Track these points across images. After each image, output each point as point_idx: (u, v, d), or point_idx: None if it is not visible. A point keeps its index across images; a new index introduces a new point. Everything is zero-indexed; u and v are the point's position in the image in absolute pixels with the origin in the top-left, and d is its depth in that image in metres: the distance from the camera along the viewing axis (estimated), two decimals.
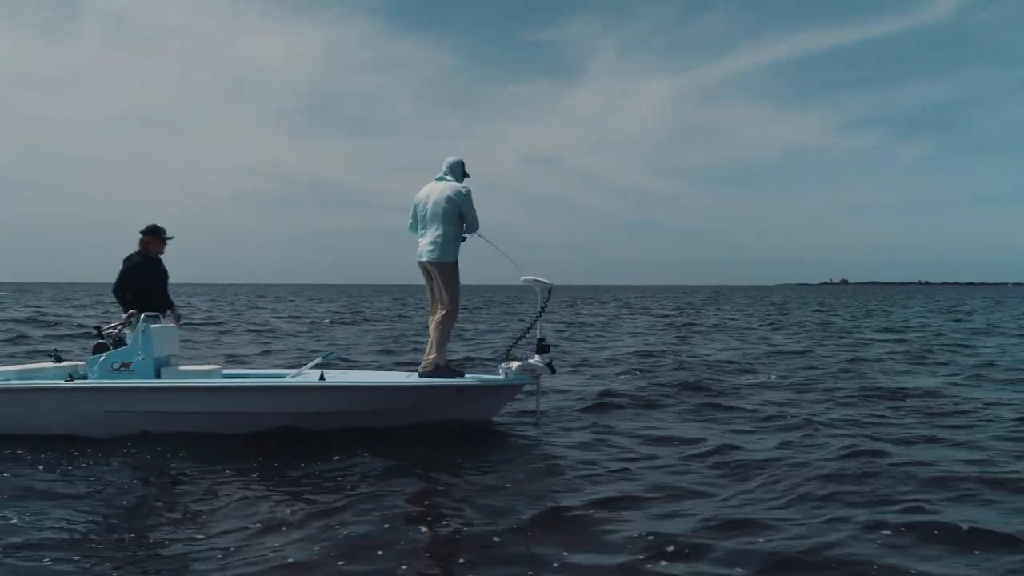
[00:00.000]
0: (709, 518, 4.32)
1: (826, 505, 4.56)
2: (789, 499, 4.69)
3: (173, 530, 4.22)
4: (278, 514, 4.47)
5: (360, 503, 4.64)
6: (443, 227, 6.74)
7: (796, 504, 4.60)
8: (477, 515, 4.47)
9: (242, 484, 5.13)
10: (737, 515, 4.38)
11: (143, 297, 6.87)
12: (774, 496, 4.77)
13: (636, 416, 7.60)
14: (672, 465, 5.57)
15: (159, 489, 5.07)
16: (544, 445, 6.39)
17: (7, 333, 17.56)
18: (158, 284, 7.09)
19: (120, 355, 6.71)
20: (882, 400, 8.43)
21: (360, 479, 5.23)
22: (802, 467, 5.38)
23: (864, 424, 7.06)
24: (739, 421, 7.28)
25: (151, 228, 7.07)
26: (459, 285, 6.92)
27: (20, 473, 5.35)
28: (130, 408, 6.45)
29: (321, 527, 4.20)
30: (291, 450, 5.97)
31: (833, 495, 4.73)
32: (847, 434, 6.46)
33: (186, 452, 5.93)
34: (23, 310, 30.21)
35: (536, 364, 6.82)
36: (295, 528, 4.22)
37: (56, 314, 27.29)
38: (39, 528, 4.21)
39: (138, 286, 6.89)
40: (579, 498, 4.75)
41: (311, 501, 4.71)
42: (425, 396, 6.74)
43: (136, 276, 6.92)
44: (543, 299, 7.08)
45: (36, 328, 19.96)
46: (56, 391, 6.43)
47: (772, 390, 9.28)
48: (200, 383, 6.59)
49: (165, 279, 7.20)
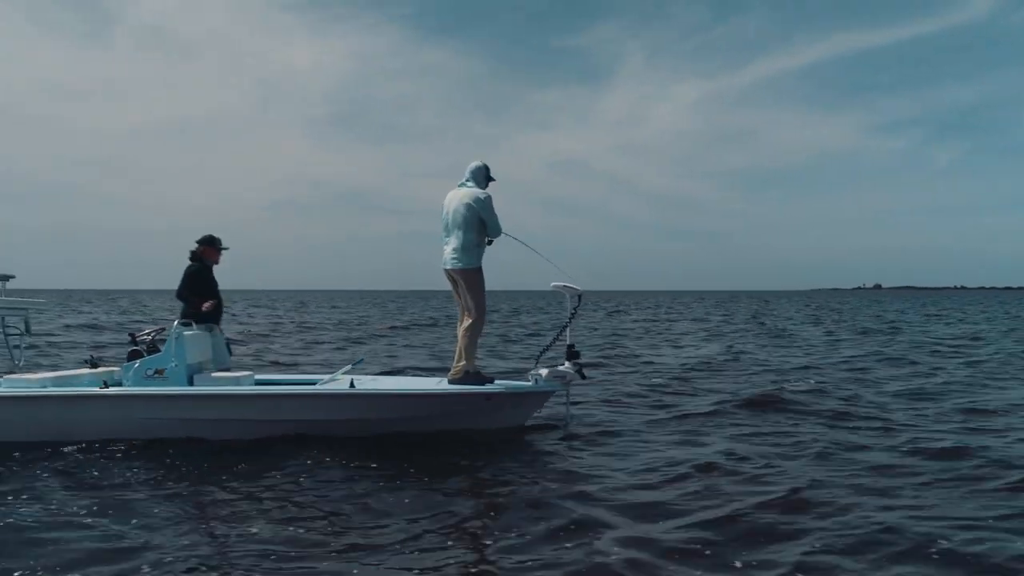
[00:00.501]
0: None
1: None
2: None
3: (203, 531, 4.23)
4: (308, 516, 4.51)
5: (380, 507, 4.71)
6: (464, 234, 6.75)
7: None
8: (499, 522, 4.45)
9: (265, 487, 5.19)
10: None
11: (189, 304, 7.12)
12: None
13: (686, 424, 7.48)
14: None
15: (182, 492, 5.07)
16: (571, 452, 6.32)
17: (59, 339, 17.90)
18: (212, 291, 7.28)
19: (154, 362, 6.79)
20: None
21: (383, 484, 5.24)
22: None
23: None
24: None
25: (207, 238, 7.35)
26: (484, 291, 6.90)
27: (61, 475, 5.41)
28: (162, 415, 6.51)
29: (342, 531, 4.25)
30: (318, 455, 5.98)
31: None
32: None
33: (207, 457, 5.98)
34: (74, 316, 30.81)
35: (566, 371, 6.80)
36: (318, 532, 4.24)
37: (96, 320, 27.77)
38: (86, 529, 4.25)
39: (196, 292, 7.15)
40: (600, 505, 4.71)
41: (333, 505, 4.74)
42: (453, 403, 6.72)
43: (194, 281, 7.17)
44: (573, 305, 7.03)
45: (84, 333, 20.34)
46: (90, 398, 6.51)
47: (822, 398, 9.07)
48: (229, 391, 6.63)
49: (216, 287, 7.42)
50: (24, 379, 6.71)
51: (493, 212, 6.80)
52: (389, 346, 17.47)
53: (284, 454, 6.02)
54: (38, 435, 6.38)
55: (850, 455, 5.97)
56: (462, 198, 6.82)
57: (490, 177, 7.05)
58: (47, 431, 6.41)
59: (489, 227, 6.82)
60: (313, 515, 4.58)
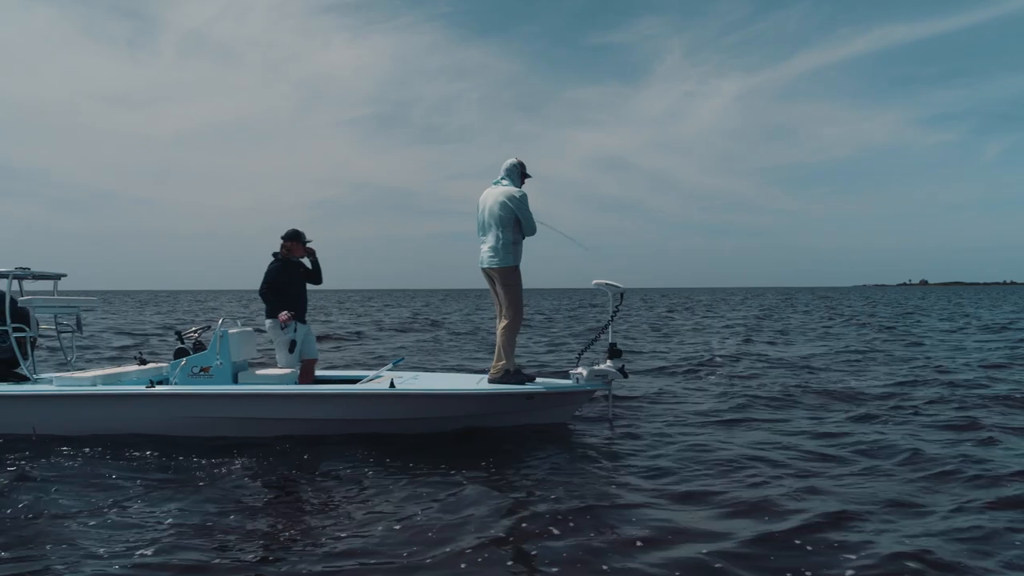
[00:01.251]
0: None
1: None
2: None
3: (243, 528, 4.29)
4: (355, 511, 4.56)
5: (423, 503, 4.75)
6: (500, 233, 6.73)
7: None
8: (534, 522, 4.43)
9: (307, 484, 5.26)
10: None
11: (280, 297, 7.07)
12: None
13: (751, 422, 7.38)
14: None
15: (235, 489, 5.14)
16: (611, 451, 6.26)
17: (107, 338, 18.33)
18: (295, 287, 7.22)
19: (199, 360, 6.90)
20: None
21: (424, 480, 5.26)
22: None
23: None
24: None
25: (291, 233, 7.28)
26: (521, 290, 6.87)
27: (107, 470, 5.53)
28: (207, 413, 6.61)
29: (388, 526, 4.29)
30: (354, 454, 6.03)
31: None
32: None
33: (252, 454, 6.04)
34: (121, 316, 31.51)
35: (608, 369, 6.74)
36: (368, 525, 4.28)
37: (143, 319, 28.35)
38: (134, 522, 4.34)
39: (277, 289, 7.10)
40: (638, 502, 4.69)
41: (379, 502, 4.77)
42: (493, 403, 6.71)
43: (276, 279, 7.12)
44: (615, 303, 6.96)
45: (133, 332, 20.80)
46: (136, 397, 6.64)
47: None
48: (269, 390, 6.68)
49: (303, 283, 7.38)
50: (75, 377, 6.87)
51: (528, 210, 6.77)
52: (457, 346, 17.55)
53: (324, 453, 6.07)
54: (88, 431, 6.54)
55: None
56: (497, 197, 6.79)
57: (526, 174, 7.01)
58: (96, 427, 6.57)
59: (524, 225, 6.79)
60: (348, 511, 4.64)
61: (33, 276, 7.15)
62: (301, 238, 7.29)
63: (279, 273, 7.14)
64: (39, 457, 5.95)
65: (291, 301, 7.11)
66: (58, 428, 6.58)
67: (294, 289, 7.19)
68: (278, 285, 7.10)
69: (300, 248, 7.28)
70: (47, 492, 5.06)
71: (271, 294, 7.08)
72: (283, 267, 7.18)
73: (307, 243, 7.32)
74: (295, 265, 7.29)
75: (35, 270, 7.09)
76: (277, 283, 7.11)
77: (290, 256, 7.26)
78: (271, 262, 7.20)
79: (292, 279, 7.21)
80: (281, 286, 7.11)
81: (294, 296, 7.16)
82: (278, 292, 7.09)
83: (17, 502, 4.85)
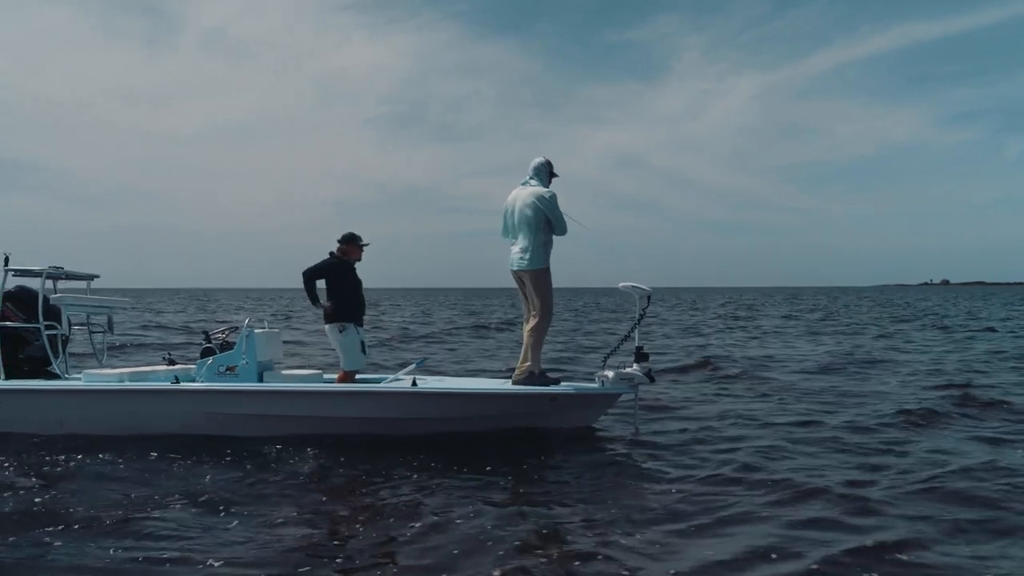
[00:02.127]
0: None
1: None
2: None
3: (269, 527, 4.30)
4: (384, 513, 4.62)
5: (450, 504, 4.79)
6: (532, 235, 6.68)
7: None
8: (557, 525, 4.44)
9: (331, 484, 5.31)
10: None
11: (337, 299, 6.98)
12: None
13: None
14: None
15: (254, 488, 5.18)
16: (637, 455, 6.25)
17: (134, 336, 18.48)
18: (350, 287, 7.09)
19: (225, 359, 6.95)
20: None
21: (446, 482, 5.30)
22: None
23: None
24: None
25: (348, 236, 7.19)
26: (551, 291, 6.83)
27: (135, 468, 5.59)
28: (231, 410, 6.64)
29: (407, 528, 4.32)
30: (381, 454, 6.04)
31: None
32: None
33: (276, 453, 6.07)
34: (145, 315, 31.80)
35: (634, 373, 6.67)
36: (396, 528, 4.31)
37: (162, 318, 28.58)
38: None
39: (330, 285, 7.01)
40: (662, 512, 4.64)
41: (399, 504, 4.79)
42: (517, 404, 6.69)
43: (327, 273, 7.03)
44: (641, 306, 6.91)
45: (156, 331, 20.96)
46: (160, 393, 6.70)
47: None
48: (294, 387, 6.73)
49: (360, 285, 7.24)
50: (102, 374, 6.95)
51: (558, 210, 6.70)
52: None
53: (345, 453, 6.07)
54: (114, 428, 6.59)
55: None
56: (526, 198, 6.74)
57: (553, 173, 6.95)
58: (121, 423, 6.62)
59: (555, 225, 6.73)
60: (367, 513, 4.67)
61: (66, 276, 7.24)
62: (357, 241, 7.20)
63: (331, 269, 7.04)
64: (62, 452, 6.01)
65: (346, 301, 7.02)
66: (84, 424, 6.64)
67: (349, 290, 7.07)
68: (330, 280, 7.00)
69: (356, 251, 7.20)
70: (65, 489, 5.13)
71: (311, 282, 6.97)
72: (338, 264, 7.09)
73: (363, 246, 7.24)
74: (349, 266, 7.18)
75: (68, 269, 7.18)
76: (326, 276, 7.00)
77: (346, 258, 7.17)
78: (326, 258, 7.13)
79: (348, 279, 7.09)
80: (334, 283, 7.01)
81: (348, 296, 7.05)
82: (331, 289, 7.00)
83: (37, 498, 4.91)
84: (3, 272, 6.91)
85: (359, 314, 7.13)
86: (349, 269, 7.16)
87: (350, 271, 7.16)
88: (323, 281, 7.06)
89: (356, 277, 7.22)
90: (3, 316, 6.88)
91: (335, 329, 7.00)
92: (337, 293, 7.01)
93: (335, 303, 6.99)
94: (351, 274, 7.15)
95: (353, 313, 7.05)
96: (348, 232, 7.20)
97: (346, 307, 7.01)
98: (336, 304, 6.99)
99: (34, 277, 7.05)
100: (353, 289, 7.11)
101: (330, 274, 7.05)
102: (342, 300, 7.01)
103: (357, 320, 7.09)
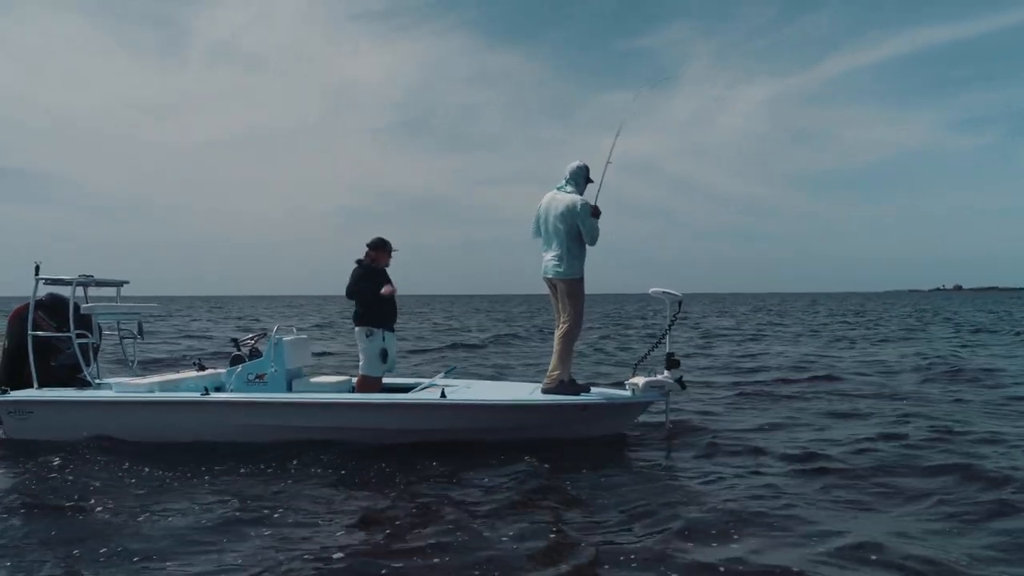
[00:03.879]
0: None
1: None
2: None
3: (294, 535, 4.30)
4: (406, 521, 4.64)
5: (482, 512, 4.78)
6: (565, 243, 6.62)
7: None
8: (587, 528, 4.46)
9: (356, 491, 5.32)
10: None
11: (364, 305, 6.99)
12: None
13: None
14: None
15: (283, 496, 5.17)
16: (668, 461, 6.25)
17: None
18: (376, 294, 7.02)
19: (255, 367, 6.97)
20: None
21: (476, 487, 5.32)
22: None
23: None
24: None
25: (376, 242, 7.18)
26: (583, 301, 6.77)
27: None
28: (259, 421, 6.63)
29: (434, 537, 4.30)
30: (399, 461, 6.03)
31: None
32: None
33: (310, 459, 6.06)
34: (167, 322, 31.94)
35: (665, 380, 6.65)
36: (411, 533, 4.34)
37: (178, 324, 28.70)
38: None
39: (360, 295, 7.01)
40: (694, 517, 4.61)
41: (430, 511, 4.82)
42: (546, 415, 6.66)
43: (357, 282, 7.04)
44: (672, 312, 6.87)
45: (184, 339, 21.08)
46: (191, 405, 6.69)
47: None
48: (323, 399, 6.70)
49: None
50: (133, 384, 6.95)
51: (590, 219, 6.60)
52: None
53: (372, 459, 6.05)
54: (146, 436, 6.59)
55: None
56: (558, 205, 6.66)
57: (590, 179, 6.84)
58: (152, 433, 6.62)
59: (585, 235, 6.63)
60: (397, 521, 4.67)
61: (96, 283, 7.26)
62: (387, 247, 7.19)
63: (360, 279, 7.05)
64: (86, 462, 6.02)
65: (376, 309, 7.01)
66: (115, 433, 6.63)
67: (383, 296, 7.03)
68: (362, 291, 7.01)
69: (386, 256, 7.20)
70: (89, 494, 5.15)
71: (355, 297, 7.00)
72: (366, 273, 7.09)
73: (393, 252, 7.23)
74: (380, 273, 7.17)
75: (98, 277, 7.20)
76: (359, 288, 7.02)
77: (375, 264, 7.16)
78: (355, 268, 7.14)
79: (378, 287, 7.04)
80: (362, 292, 7.01)
81: (379, 301, 7.02)
82: (360, 300, 7.00)
83: (65, 503, 4.97)
84: (34, 281, 6.93)
85: (388, 320, 7.10)
86: (379, 275, 7.14)
87: (380, 277, 7.13)
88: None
89: (386, 282, 7.15)
90: (35, 325, 6.91)
91: (363, 333, 7.00)
92: (367, 298, 7.00)
93: (363, 308, 6.98)
94: (381, 280, 7.12)
95: (382, 318, 7.03)
96: (377, 237, 7.19)
97: (375, 312, 6.99)
98: (364, 308, 6.98)
99: (65, 286, 7.08)
100: (383, 295, 7.07)
101: (358, 282, 7.05)
102: (371, 305, 6.99)
103: (386, 325, 7.06)
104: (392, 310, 7.16)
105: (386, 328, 7.05)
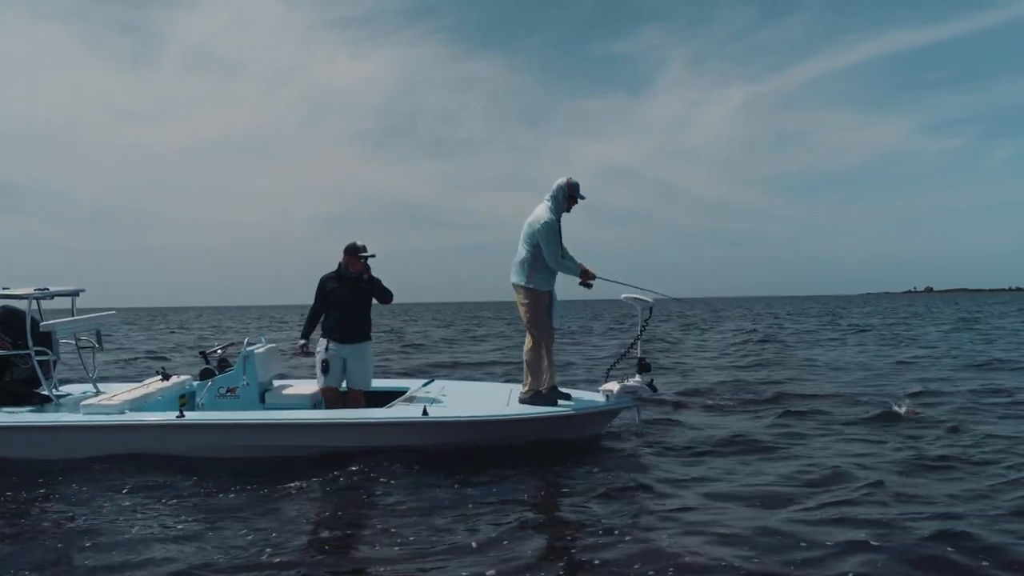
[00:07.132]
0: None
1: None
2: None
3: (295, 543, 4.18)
4: (387, 523, 4.60)
5: (468, 514, 4.81)
6: (524, 251, 6.57)
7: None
8: (565, 526, 4.50)
9: (343, 501, 5.18)
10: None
11: (327, 314, 6.81)
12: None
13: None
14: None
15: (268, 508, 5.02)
16: (641, 459, 6.28)
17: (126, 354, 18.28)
18: (336, 303, 6.77)
19: (226, 380, 6.85)
20: None
21: (449, 495, 5.27)
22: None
23: None
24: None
25: (347, 247, 6.84)
26: (540, 313, 6.59)
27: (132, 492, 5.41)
28: (236, 441, 6.33)
29: (424, 542, 4.25)
30: (384, 466, 5.92)
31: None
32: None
33: (280, 474, 5.86)
34: (136, 331, 31.45)
35: (637, 385, 6.67)
36: (382, 543, 4.21)
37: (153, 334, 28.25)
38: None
39: (322, 303, 6.83)
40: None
41: (413, 520, 4.69)
42: (520, 428, 6.53)
43: (320, 292, 6.85)
44: (644, 317, 6.84)
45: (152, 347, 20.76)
46: (166, 427, 6.35)
47: None
48: (297, 419, 6.37)
49: (352, 299, 6.81)
50: (102, 405, 6.61)
51: (550, 240, 6.44)
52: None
53: (354, 466, 5.90)
54: (117, 451, 6.27)
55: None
56: (532, 217, 6.60)
57: (576, 196, 6.64)
58: (125, 449, 6.29)
59: (545, 254, 6.49)
60: (378, 527, 4.63)
61: (52, 295, 7.05)
62: (357, 250, 6.81)
63: (319, 286, 6.86)
64: (60, 485, 5.75)
65: (327, 317, 6.82)
66: (85, 451, 6.28)
67: (332, 305, 6.79)
68: (322, 300, 6.83)
69: (355, 261, 6.80)
70: (68, 515, 4.97)
71: (312, 314, 6.89)
72: (324, 280, 6.87)
73: (365, 257, 6.81)
74: (346, 279, 6.85)
75: (53, 289, 7.00)
76: (318, 296, 6.85)
77: (345, 271, 6.84)
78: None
79: (333, 293, 6.79)
80: (324, 301, 6.81)
81: (339, 310, 6.77)
82: (324, 307, 6.82)
83: (41, 523, 4.82)
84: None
85: (336, 331, 6.78)
86: (343, 282, 6.83)
87: (343, 284, 6.82)
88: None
89: (355, 289, 6.83)
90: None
91: (314, 345, 6.90)
92: (324, 306, 6.86)
93: (327, 316, 6.83)
94: (343, 286, 6.81)
95: (329, 329, 6.79)
96: (350, 242, 6.85)
97: (331, 319, 6.79)
98: (327, 316, 6.83)
99: (20, 300, 6.82)
100: (331, 304, 6.81)
101: (320, 290, 6.87)
102: (328, 312, 6.83)
103: (334, 337, 6.77)
104: (344, 320, 6.80)
105: (335, 340, 6.79)
